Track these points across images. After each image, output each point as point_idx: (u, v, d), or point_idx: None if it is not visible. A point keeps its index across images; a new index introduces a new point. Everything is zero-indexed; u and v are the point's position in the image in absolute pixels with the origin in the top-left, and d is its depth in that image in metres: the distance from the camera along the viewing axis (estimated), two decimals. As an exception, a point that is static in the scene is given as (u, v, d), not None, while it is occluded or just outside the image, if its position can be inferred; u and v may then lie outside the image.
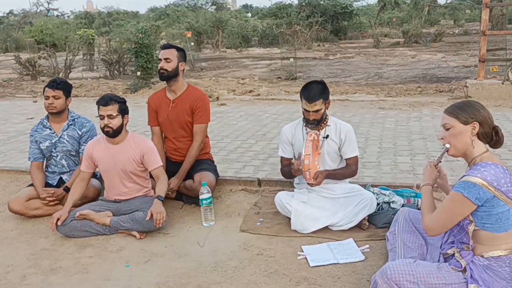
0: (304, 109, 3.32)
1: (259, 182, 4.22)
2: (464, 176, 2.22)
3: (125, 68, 14.65)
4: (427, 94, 9.16)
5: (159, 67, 3.78)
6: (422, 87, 9.74)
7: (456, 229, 2.32)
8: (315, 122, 3.33)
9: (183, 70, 3.87)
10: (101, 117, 3.35)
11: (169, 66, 3.76)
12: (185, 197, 3.89)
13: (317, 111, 3.27)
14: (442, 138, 2.35)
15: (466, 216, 2.23)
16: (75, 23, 36.57)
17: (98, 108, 3.37)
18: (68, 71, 14.78)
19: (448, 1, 36.93)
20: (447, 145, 2.32)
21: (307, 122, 3.36)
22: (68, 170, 3.90)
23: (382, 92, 9.54)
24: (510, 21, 25.55)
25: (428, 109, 7.64)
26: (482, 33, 8.17)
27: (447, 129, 2.31)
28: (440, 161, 2.55)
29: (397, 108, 7.85)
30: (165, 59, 3.77)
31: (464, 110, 2.28)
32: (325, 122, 3.42)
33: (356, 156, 3.47)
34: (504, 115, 6.82)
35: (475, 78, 8.63)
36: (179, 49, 3.85)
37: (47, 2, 41.40)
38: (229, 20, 27.18)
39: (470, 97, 7.96)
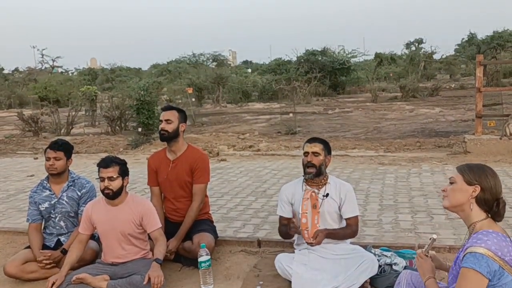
0: (304, 154, 3.41)
1: (259, 243, 4.16)
2: (467, 247, 2.18)
3: (127, 124, 14.86)
4: (426, 149, 9.22)
5: (159, 128, 3.84)
6: (421, 142, 9.83)
7: None
8: (314, 170, 3.34)
9: (184, 131, 3.92)
10: (101, 179, 3.36)
11: (170, 127, 3.81)
12: (183, 259, 3.83)
13: (316, 153, 3.34)
14: (444, 190, 2.39)
15: None
16: (79, 80, 37.36)
17: (99, 170, 3.39)
18: (70, 127, 14.99)
19: (443, 56, 37.82)
20: (434, 236, 2.45)
21: (305, 168, 3.38)
22: (66, 231, 3.86)
23: (381, 147, 9.60)
24: (504, 75, 26.11)
25: (427, 164, 7.66)
26: (477, 90, 8.34)
27: (451, 183, 2.35)
28: (428, 252, 2.53)
29: (396, 163, 7.88)
30: (166, 120, 3.83)
31: (473, 172, 2.30)
32: (325, 179, 3.44)
33: (357, 216, 3.46)
34: (504, 170, 6.83)
35: (473, 133, 8.72)
36: (179, 111, 3.92)
37: (52, 60, 42.48)
38: (229, 76, 27.77)
39: (469, 152, 8.01)
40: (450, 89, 28.22)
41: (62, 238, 3.86)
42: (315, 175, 3.37)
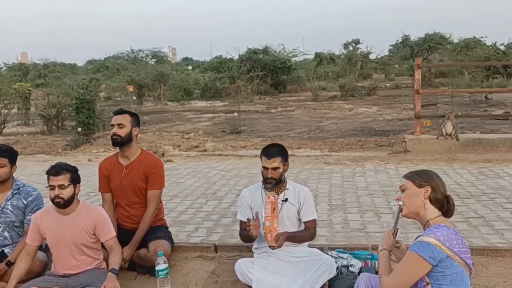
0: (263, 167, 3.41)
1: (216, 248, 4.13)
2: (418, 236, 2.41)
3: (64, 123, 14.25)
4: (368, 148, 9.52)
5: (111, 133, 3.71)
6: (362, 141, 10.13)
7: None
8: (274, 182, 3.38)
9: (137, 135, 3.82)
10: (52, 188, 3.20)
11: (123, 132, 3.70)
12: (138, 267, 3.73)
13: (275, 168, 3.37)
14: (398, 199, 2.59)
15: (423, 277, 2.34)
16: (9, 76, 35.26)
17: (48, 178, 3.22)
18: (2, 126, 14.18)
19: (378, 57, 39.15)
20: (400, 202, 2.56)
21: (265, 181, 3.41)
22: (11, 242, 3.64)
23: (325, 147, 9.81)
24: (435, 76, 27.55)
25: (370, 164, 7.91)
26: (416, 91, 8.72)
27: (403, 191, 2.57)
28: (397, 228, 2.70)
29: (341, 163, 8.08)
30: (118, 124, 3.71)
31: (420, 176, 2.56)
32: (284, 185, 3.47)
33: (315, 219, 3.53)
34: (442, 169, 7.17)
35: (412, 133, 9.11)
36: (132, 115, 3.82)
37: (-22, 54, 39.91)
38: (170, 74, 27.29)
39: (409, 151, 8.37)
40: (386, 88, 29.28)
41: (6, 250, 3.63)
42: (275, 185, 3.41)
